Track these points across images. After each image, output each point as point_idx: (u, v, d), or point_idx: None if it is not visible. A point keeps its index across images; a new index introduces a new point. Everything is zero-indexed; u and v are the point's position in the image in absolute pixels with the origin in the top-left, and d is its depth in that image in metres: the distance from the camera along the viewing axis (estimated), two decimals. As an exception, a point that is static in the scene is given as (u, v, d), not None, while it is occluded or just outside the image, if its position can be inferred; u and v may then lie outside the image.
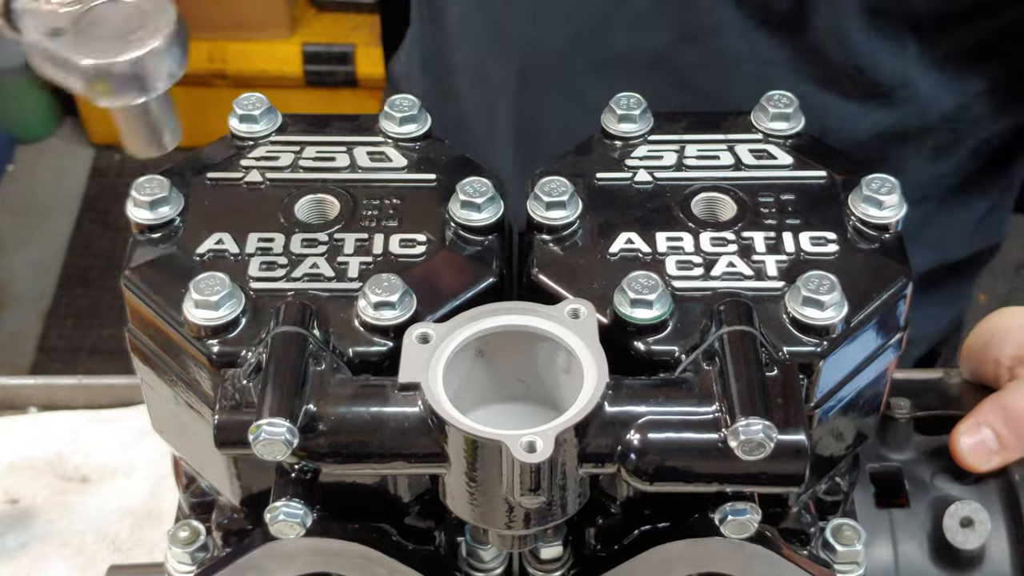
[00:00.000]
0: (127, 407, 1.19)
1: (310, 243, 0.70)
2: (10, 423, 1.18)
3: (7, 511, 1.10)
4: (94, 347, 2.65)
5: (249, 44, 2.85)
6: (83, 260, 2.86)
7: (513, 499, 0.61)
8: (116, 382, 1.20)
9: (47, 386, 1.21)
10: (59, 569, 1.06)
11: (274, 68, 2.83)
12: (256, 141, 0.76)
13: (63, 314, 2.74)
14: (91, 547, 1.08)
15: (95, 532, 1.09)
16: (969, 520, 0.76)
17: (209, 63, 2.86)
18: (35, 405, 1.20)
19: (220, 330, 0.65)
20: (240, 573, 0.69)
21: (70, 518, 1.10)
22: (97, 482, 1.13)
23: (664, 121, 0.77)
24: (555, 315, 0.65)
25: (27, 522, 1.09)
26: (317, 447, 0.62)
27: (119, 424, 1.17)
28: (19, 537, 1.08)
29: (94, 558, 1.06)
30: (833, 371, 0.67)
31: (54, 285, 2.80)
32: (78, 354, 2.63)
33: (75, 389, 1.20)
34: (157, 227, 0.71)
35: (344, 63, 2.87)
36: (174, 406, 0.71)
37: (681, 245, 0.70)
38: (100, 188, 3.02)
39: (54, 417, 1.18)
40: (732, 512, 0.65)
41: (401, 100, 0.77)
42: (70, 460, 1.14)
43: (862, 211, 0.70)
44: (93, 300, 2.77)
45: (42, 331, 2.71)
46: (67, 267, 2.84)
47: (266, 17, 2.85)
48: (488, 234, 0.71)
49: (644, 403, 0.62)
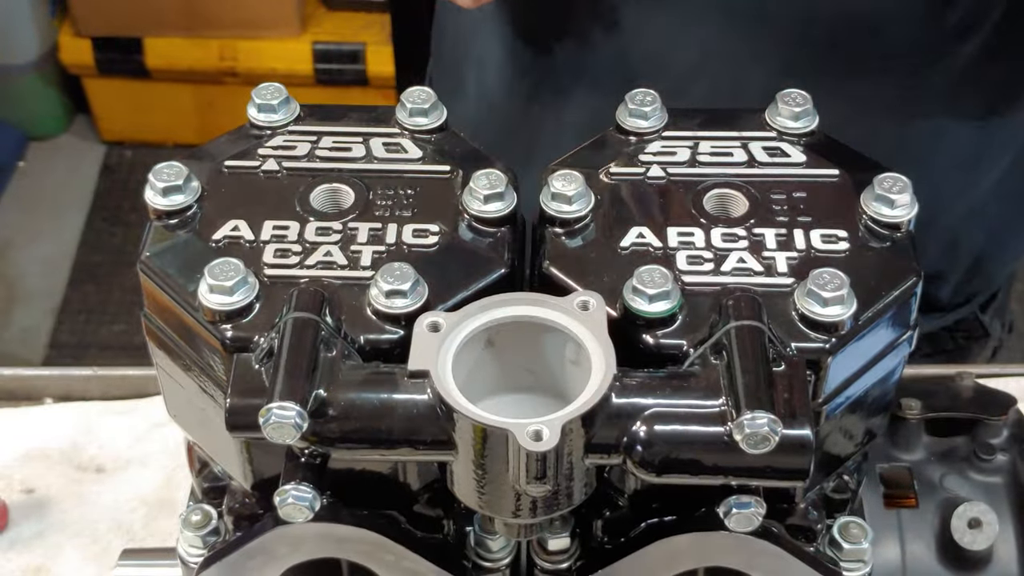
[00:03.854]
0: (141, 398, 1.24)
1: (324, 231, 0.74)
2: (26, 414, 1.23)
3: (23, 501, 1.15)
4: (105, 343, 2.72)
5: (260, 42, 2.92)
6: (94, 256, 2.92)
7: (519, 487, 0.65)
8: (130, 373, 1.25)
9: (62, 377, 1.26)
10: (74, 558, 1.11)
11: (284, 66, 2.89)
12: (274, 130, 0.80)
13: (74, 310, 2.81)
14: (106, 536, 1.13)
15: (110, 521, 1.14)
16: (977, 521, 0.79)
17: (220, 61, 2.92)
18: (50, 396, 1.25)
19: (234, 315, 0.69)
20: (250, 557, 0.73)
21: (85, 508, 1.15)
22: (112, 472, 1.18)
23: (678, 117, 0.80)
24: (564, 307, 0.68)
25: (42, 512, 1.15)
26: (326, 432, 0.65)
27: (134, 415, 1.22)
28: (35, 526, 1.14)
29: (109, 547, 1.11)
30: (841, 368, 0.70)
31: (65, 281, 2.86)
32: (89, 350, 2.68)
33: (90, 380, 1.25)
34: (174, 213, 0.74)
35: (355, 62, 2.92)
36: (188, 391, 0.74)
37: (692, 240, 0.73)
38: (111, 185, 3.09)
39: (69, 408, 1.23)
40: (737, 505, 0.68)
41: (418, 93, 0.80)
42: (85, 450, 1.20)
43: (874, 209, 0.73)
44: (104, 296, 2.83)
45: (53, 327, 2.77)
46: (78, 263, 2.91)
47: (277, 15, 2.90)
48: (500, 226, 0.74)
49: (651, 395, 0.65)
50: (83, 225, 2.99)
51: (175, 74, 2.99)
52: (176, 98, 3.04)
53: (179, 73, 2.98)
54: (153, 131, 3.12)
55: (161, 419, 1.21)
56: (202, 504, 0.79)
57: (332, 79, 2.90)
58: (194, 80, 2.99)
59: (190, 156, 0.78)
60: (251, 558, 0.73)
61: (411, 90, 0.81)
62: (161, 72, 2.99)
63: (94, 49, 2.98)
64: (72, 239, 2.96)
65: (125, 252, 2.90)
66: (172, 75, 2.99)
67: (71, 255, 2.92)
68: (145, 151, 3.12)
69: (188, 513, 0.78)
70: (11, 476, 1.18)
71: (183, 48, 2.95)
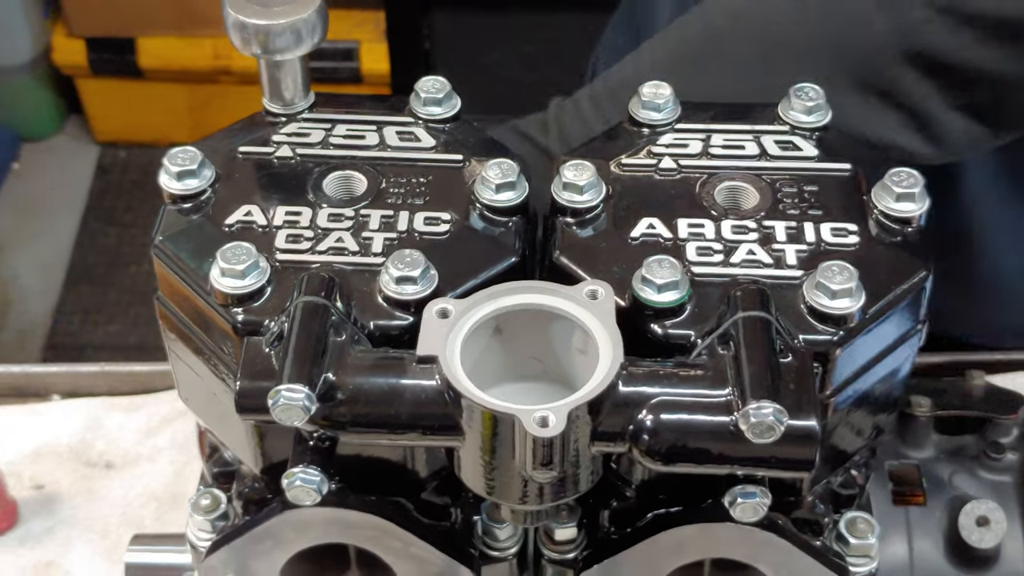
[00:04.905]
0: (149, 393, 1.27)
1: (336, 218, 0.76)
2: (34, 410, 1.26)
3: (33, 497, 1.18)
4: (101, 343, 2.75)
5: (254, 41, 2.95)
6: (89, 257, 2.96)
7: (526, 473, 0.67)
8: (138, 369, 1.28)
9: (69, 373, 1.29)
10: (84, 553, 1.14)
11: None
12: (288, 117, 0.83)
13: (70, 311, 2.84)
14: (116, 531, 1.15)
15: (120, 517, 1.16)
16: (985, 519, 0.81)
17: (214, 60, 2.96)
18: (58, 393, 1.28)
19: (245, 298, 0.71)
20: (258, 541, 0.76)
21: (95, 503, 1.18)
22: (121, 468, 1.21)
23: (691, 110, 0.83)
24: (573, 295, 0.70)
25: (52, 507, 1.17)
26: (335, 415, 0.67)
27: (142, 410, 1.25)
28: (45, 522, 1.16)
29: (119, 542, 1.13)
30: (849, 361, 0.72)
31: (60, 282, 2.90)
32: (85, 351, 2.72)
33: (97, 376, 1.28)
34: (188, 197, 0.77)
35: (348, 59, 2.95)
36: (199, 375, 0.77)
37: (702, 232, 0.76)
38: (105, 185, 3.12)
39: (77, 404, 1.26)
40: (742, 495, 0.70)
41: (432, 82, 0.83)
42: (94, 446, 1.22)
43: (885, 204, 0.76)
44: (99, 297, 2.87)
45: (49, 328, 2.80)
46: (73, 264, 2.94)
47: (271, 14, 2.94)
48: (512, 215, 0.77)
49: (658, 384, 0.67)
50: (78, 226, 3.02)
51: (169, 74, 3.02)
52: (170, 98, 3.07)
53: (173, 73, 3.01)
54: (147, 131, 3.15)
55: (169, 414, 1.25)
56: (212, 488, 0.81)
57: (326, 77, 2.92)
58: (188, 80, 3.02)
59: (204, 142, 0.80)
60: (259, 542, 0.76)
61: (425, 79, 0.83)
62: (155, 72, 3.02)
63: (87, 49, 3.01)
64: (67, 240, 2.99)
65: (120, 253, 2.94)
66: (166, 75, 3.02)
67: (66, 256, 2.96)
68: (139, 151, 3.17)
69: (197, 497, 0.81)
70: (20, 473, 1.20)
71: (176, 47, 2.98)
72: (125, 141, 3.21)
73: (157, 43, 2.99)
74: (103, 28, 2.99)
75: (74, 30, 3.02)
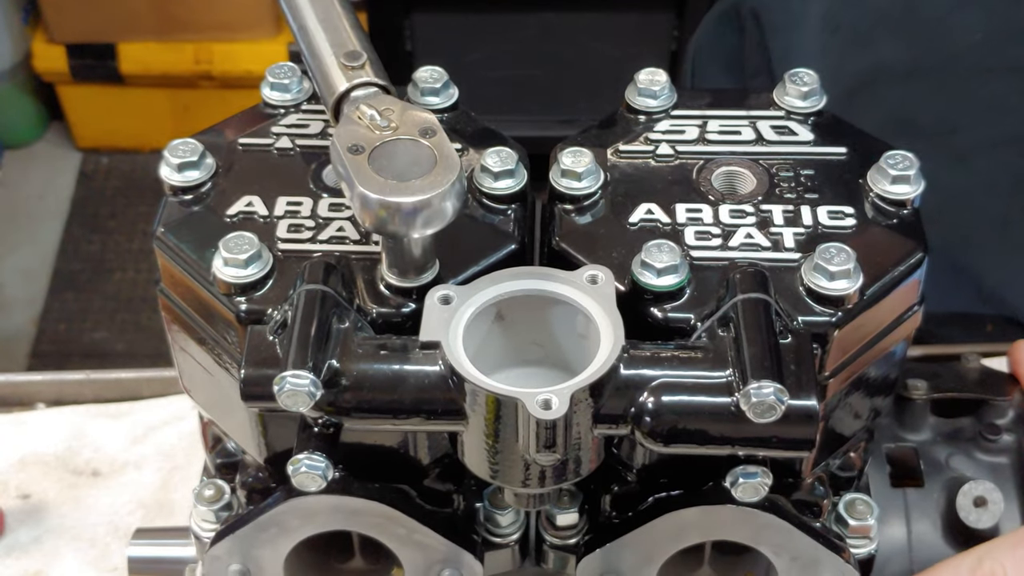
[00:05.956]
0: (135, 401, 1.28)
1: (337, 207, 0.79)
2: (19, 419, 1.27)
3: (19, 506, 1.20)
4: (87, 351, 2.77)
5: (235, 45, 2.98)
6: (73, 264, 2.98)
7: (529, 456, 0.69)
8: (124, 376, 1.29)
9: (54, 382, 1.30)
10: (72, 562, 1.15)
11: (260, 68, 2.87)
12: (287, 109, 0.85)
13: (54, 318, 2.87)
14: (104, 540, 1.17)
15: (107, 525, 1.18)
16: (982, 500, 0.84)
17: (195, 65, 2.98)
18: (43, 401, 1.30)
19: (248, 288, 0.74)
20: (262, 529, 0.78)
21: (82, 512, 1.19)
22: (108, 476, 1.22)
23: (687, 97, 0.86)
24: (574, 280, 0.73)
25: (39, 516, 1.19)
26: (339, 401, 0.70)
27: (128, 418, 1.27)
28: (32, 531, 1.18)
29: (107, 551, 1.15)
30: (847, 342, 0.75)
31: (45, 290, 2.92)
32: (71, 358, 2.74)
33: (83, 384, 1.29)
34: (188, 189, 0.79)
35: (332, 60, 2.98)
36: (202, 365, 0.79)
37: (700, 216, 0.78)
38: (88, 192, 3.15)
39: (62, 412, 1.28)
40: (743, 475, 0.73)
41: (429, 73, 0.86)
42: (80, 454, 1.24)
43: (881, 187, 0.79)
44: (84, 304, 2.89)
45: (35, 336, 2.83)
46: (57, 271, 2.97)
47: (251, 17, 2.97)
48: (511, 203, 0.79)
49: (659, 367, 0.70)
50: (61, 233, 3.05)
51: (150, 79, 3.05)
52: (152, 103, 3.10)
53: (154, 78, 3.04)
54: (129, 137, 3.19)
55: (155, 422, 1.26)
56: (215, 479, 0.84)
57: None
58: (169, 84, 3.05)
59: (205, 133, 0.83)
60: (263, 531, 0.78)
61: (423, 69, 0.86)
62: (136, 77, 3.05)
63: (68, 56, 3.04)
64: (51, 247, 3.02)
65: (104, 259, 2.97)
66: (147, 80, 3.05)
67: (50, 263, 2.98)
68: (121, 157, 3.20)
69: (201, 488, 0.83)
70: (6, 482, 1.22)
71: (157, 52, 3.00)
72: (107, 147, 3.24)
73: (138, 48, 3.02)
74: (84, 34, 3.02)
75: (54, 36, 3.05)
